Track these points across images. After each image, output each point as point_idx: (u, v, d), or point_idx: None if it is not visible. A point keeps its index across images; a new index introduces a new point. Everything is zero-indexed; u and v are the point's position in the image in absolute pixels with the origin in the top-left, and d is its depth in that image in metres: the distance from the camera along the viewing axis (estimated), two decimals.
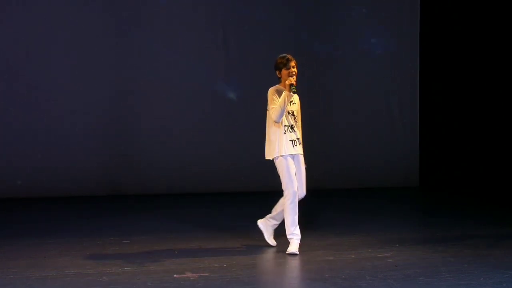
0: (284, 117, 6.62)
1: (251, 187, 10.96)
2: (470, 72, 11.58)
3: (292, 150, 6.66)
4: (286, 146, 6.63)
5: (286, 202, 6.63)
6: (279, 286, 5.93)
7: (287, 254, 6.60)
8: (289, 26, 11.24)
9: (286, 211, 6.66)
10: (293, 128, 6.70)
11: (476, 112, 11.60)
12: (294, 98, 6.76)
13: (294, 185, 6.60)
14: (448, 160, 11.75)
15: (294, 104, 6.76)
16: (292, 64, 6.64)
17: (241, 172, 10.99)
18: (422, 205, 10.76)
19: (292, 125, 6.70)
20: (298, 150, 6.72)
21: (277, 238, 6.96)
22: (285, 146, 6.62)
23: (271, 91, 6.66)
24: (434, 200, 10.83)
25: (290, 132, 6.67)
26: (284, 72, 6.64)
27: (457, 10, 11.62)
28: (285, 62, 6.64)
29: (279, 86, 6.70)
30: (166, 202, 10.16)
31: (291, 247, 6.64)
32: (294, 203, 6.61)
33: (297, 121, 6.76)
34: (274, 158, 6.67)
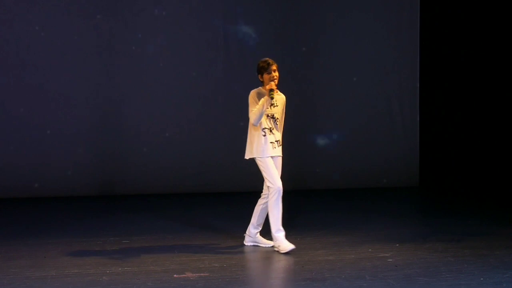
0: (263, 119, 6.70)
1: (251, 187, 10.93)
2: (470, 72, 11.58)
3: (271, 152, 6.75)
4: (266, 148, 6.72)
5: (272, 198, 6.67)
6: (279, 286, 5.93)
7: (283, 253, 6.62)
8: (288, 27, 11.23)
9: (271, 207, 6.69)
10: (271, 130, 6.76)
11: (476, 112, 11.60)
12: (278, 100, 6.81)
13: (278, 181, 6.66)
14: (448, 160, 11.74)
15: (276, 106, 6.80)
16: (273, 68, 6.71)
17: (240, 172, 10.97)
18: (422, 205, 10.75)
19: (271, 127, 6.76)
20: (277, 152, 6.82)
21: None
22: (264, 148, 6.71)
23: (252, 94, 6.76)
24: (434, 200, 10.82)
25: (270, 134, 6.75)
26: (266, 76, 6.71)
27: (457, 11, 11.62)
28: (266, 66, 6.71)
29: (262, 89, 6.78)
30: (166, 202, 10.15)
31: (285, 245, 6.66)
32: (279, 199, 6.68)
33: (277, 123, 6.82)
34: (254, 158, 6.76)
